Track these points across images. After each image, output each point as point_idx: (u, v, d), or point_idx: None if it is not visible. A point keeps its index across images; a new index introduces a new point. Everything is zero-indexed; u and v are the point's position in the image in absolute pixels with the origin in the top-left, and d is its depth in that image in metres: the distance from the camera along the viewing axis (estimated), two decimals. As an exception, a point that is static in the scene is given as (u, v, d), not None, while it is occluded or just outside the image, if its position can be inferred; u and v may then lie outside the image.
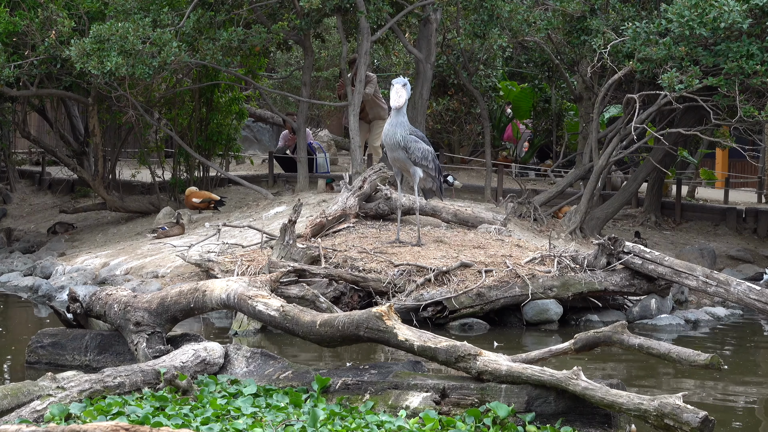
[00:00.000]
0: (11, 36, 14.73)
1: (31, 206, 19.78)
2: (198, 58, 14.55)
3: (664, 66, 12.60)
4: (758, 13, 12.27)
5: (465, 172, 20.12)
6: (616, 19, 14.05)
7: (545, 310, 10.81)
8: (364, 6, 14.71)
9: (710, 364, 6.49)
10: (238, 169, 21.30)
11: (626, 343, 6.82)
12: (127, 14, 14.24)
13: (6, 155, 20.93)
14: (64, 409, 6.04)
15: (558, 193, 15.11)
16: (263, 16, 15.63)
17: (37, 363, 8.00)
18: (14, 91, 15.96)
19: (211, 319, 10.97)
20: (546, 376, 6.20)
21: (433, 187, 11.94)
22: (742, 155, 14.36)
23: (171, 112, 17.47)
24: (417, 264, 10.88)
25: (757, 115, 12.53)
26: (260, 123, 25.15)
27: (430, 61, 15.90)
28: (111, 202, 16.78)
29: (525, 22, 14.83)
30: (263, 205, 15.18)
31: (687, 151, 17.25)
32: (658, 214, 16.81)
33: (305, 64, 16.49)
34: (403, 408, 6.31)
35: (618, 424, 6.23)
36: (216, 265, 11.28)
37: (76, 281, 12.53)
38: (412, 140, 11.26)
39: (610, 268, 10.94)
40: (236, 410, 6.21)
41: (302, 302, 9.09)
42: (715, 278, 10.51)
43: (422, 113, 16.03)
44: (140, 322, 7.66)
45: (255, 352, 7.30)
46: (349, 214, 12.44)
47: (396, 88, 10.97)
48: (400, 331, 6.72)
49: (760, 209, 17.26)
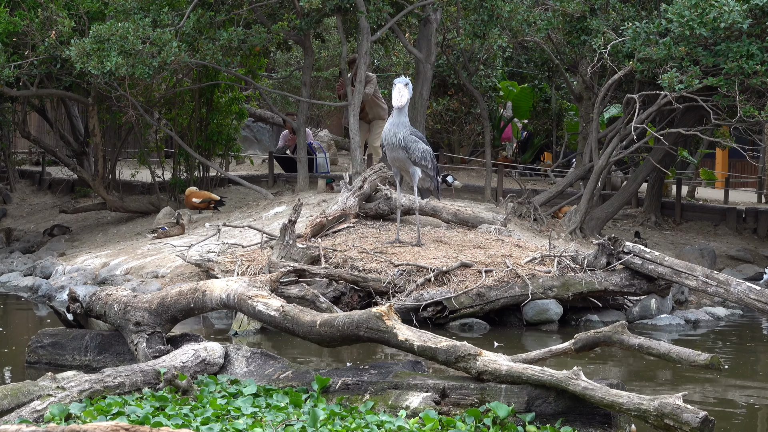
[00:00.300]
0: (11, 36, 14.73)
1: (31, 206, 19.78)
2: (198, 58, 14.55)
3: (664, 66, 12.60)
4: (758, 13, 12.27)
5: (465, 172, 20.12)
6: (616, 19, 14.05)
7: (545, 310, 10.81)
8: (364, 6, 14.71)
9: (710, 364, 6.50)
10: (238, 169, 21.30)
11: (626, 343, 6.82)
12: (127, 14, 14.24)
13: (6, 155, 20.93)
14: (64, 409, 6.04)
15: (558, 193, 15.11)
16: (263, 16, 15.63)
17: (37, 363, 7.99)
18: (14, 91, 15.96)
19: (211, 319, 10.97)
20: (546, 376, 6.20)
21: (431, 187, 11.96)
22: (742, 155, 14.36)
23: (171, 112, 17.48)
24: (417, 264, 10.88)
25: (757, 115, 12.53)
26: (260, 123, 25.16)
27: (430, 61, 15.91)
28: (111, 202, 16.78)
29: (525, 22, 14.83)
30: (263, 205, 15.18)
31: (687, 151, 17.26)
32: (658, 214, 16.81)
33: (305, 64, 16.49)
34: (403, 408, 6.31)
35: (618, 424, 6.23)
36: (216, 265, 11.28)
37: (76, 281, 12.52)
38: (412, 140, 11.26)
39: (610, 268, 10.94)
40: (236, 410, 6.21)
41: (302, 302, 9.09)
42: (715, 278, 10.51)
43: (422, 113, 16.03)
44: (140, 322, 7.66)
45: (255, 352, 7.30)
46: (349, 214, 12.44)
47: (398, 87, 10.96)
48: (400, 331, 6.72)
49: (760, 209, 17.26)
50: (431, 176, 11.67)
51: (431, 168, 11.56)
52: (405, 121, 11.25)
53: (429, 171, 11.56)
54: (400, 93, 10.97)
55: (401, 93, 10.97)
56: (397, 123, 11.18)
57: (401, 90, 10.97)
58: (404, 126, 11.21)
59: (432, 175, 11.66)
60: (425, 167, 11.46)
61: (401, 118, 11.20)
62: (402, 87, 10.97)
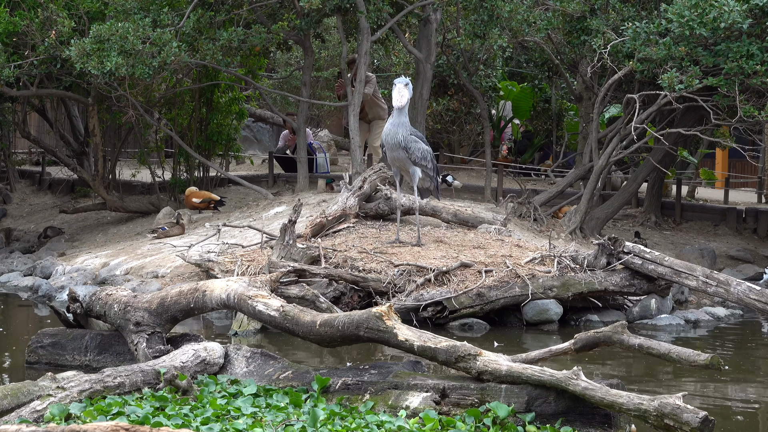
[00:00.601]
0: (11, 36, 14.73)
1: (31, 206, 19.78)
2: (198, 58, 14.55)
3: (664, 66, 12.60)
4: (758, 13, 12.27)
5: (465, 172, 20.12)
6: (616, 19, 14.05)
7: (545, 310, 10.81)
8: (364, 6, 14.71)
9: (710, 364, 6.50)
10: (238, 169, 21.30)
11: (626, 343, 6.82)
12: (127, 14, 14.23)
13: (6, 155, 20.93)
14: (64, 409, 6.04)
15: (558, 193, 15.11)
16: (263, 16, 15.63)
17: (37, 363, 7.99)
18: (14, 91, 15.96)
19: (211, 319, 10.97)
20: (546, 376, 6.20)
21: (430, 186, 11.96)
22: (742, 155, 14.35)
23: (171, 112, 17.48)
24: (417, 264, 10.88)
25: (757, 115, 12.53)
26: (260, 123, 25.15)
27: (430, 61, 15.90)
28: (111, 202, 16.78)
29: (525, 22, 14.83)
30: (263, 205, 15.18)
31: (687, 151, 17.26)
32: (658, 214, 16.81)
33: (305, 64, 16.49)
34: (403, 408, 6.31)
35: (618, 424, 6.23)
36: (216, 265, 11.28)
37: (76, 281, 12.52)
38: (412, 140, 11.27)
39: (610, 268, 10.94)
40: (236, 410, 6.21)
41: (302, 302, 9.08)
42: (715, 278, 10.51)
43: (422, 113, 16.03)
44: (140, 322, 7.66)
45: (255, 352, 7.30)
46: (349, 214, 12.44)
47: (398, 87, 10.96)
48: (400, 331, 6.72)
49: (760, 209, 17.26)
50: (431, 176, 11.68)
51: (431, 168, 11.56)
52: (405, 121, 11.25)
53: (429, 171, 11.56)
54: (400, 93, 10.97)
55: (401, 93, 10.97)
56: (397, 123, 11.18)
57: (401, 90, 10.97)
58: (404, 126, 11.21)
59: (432, 175, 11.66)
60: (425, 167, 11.46)
61: (401, 118, 11.20)
62: (402, 87, 10.97)
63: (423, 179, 11.63)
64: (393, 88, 11.06)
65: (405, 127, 11.21)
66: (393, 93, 11.04)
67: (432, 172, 11.63)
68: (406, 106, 11.17)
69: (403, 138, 11.19)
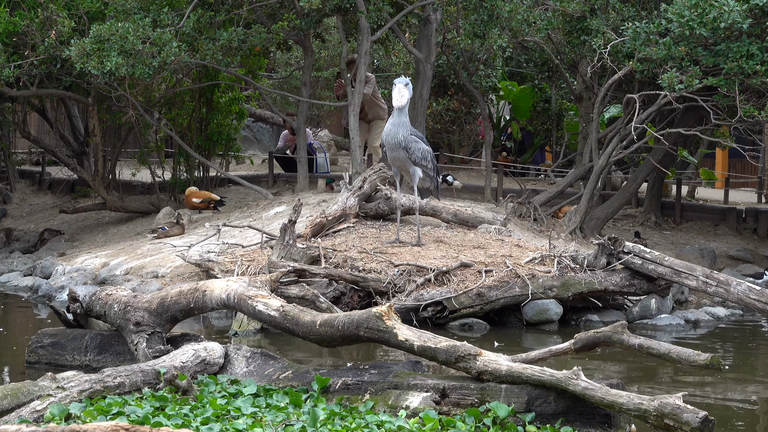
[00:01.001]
0: (11, 36, 14.73)
1: (31, 206, 19.78)
2: (198, 58, 14.55)
3: (664, 66, 12.60)
4: (758, 13, 12.27)
5: (465, 172, 20.13)
6: (616, 19, 14.05)
7: (545, 310, 10.81)
8: (364, 6, 14.71)
9: (710, 364, 6.50)
10: (238, 169, 21.30)
11: (626, 343, 6.82)
12: (127, 14, 14.23)
13: (6, 155, 20.93)
14: (64, 409, 6.04)
15: (558, 193, 15.11)
16: (263, 16, 15.63)
17: (37, 363, 7.99)
18: (14, 91, 15.96)
19: (211, 319, 10.96)
20: (546, 376, 6.20)
21: (430, 186, 11.96)
22: (742, 155, 14.36)
23: (171, 112, 17.48)
24: (417, 264, 10.88)
25: (757, 115, 12.53)
26: (260, 123, 25.15)
27: (430, 61, 15.90)
28: (111, 202, 16.78)
29: (525, 22, 14.84)
30: (263, 205, 15.18)
31: (687, 151, 17.26)
32: (658, 214, 16.81)
33: (305, 64, 16.49)
34: (403, 408, 6.31)
35: (618, 424, 6.23)
36: (216, 265, 11.28)
37: (76, 281, 12.52)
38: (412, 140, 11.27)
39: (610, 268, 10.94)
40: (236, 410, 6.21)
41: (302, 302, 9.08)
42: (715, 278, 10.51)
43: (422, 113, 16.03)
44: (140, 322, 7.66)
45: (255, 352, 7.30)
46: (349, 214, 12.44)
47: (398, 87, 10.96)
48: (400, 331, 6.72)
49: (760, 209, 17.26)
50: (431, 176, 11.68)
51: (431, 168, 11.56)
52: (405, 121, 11.25)
53: (429, 171, 11.56)
54: (400, 93, 10.97)
55: (401, 93, 10.97)
56: (397, 123, 11.18)
57: (401, 90, 10.97)
58: (404, 126, 11.21)
59: (432, 175, 11.66)
60: (425, 167, 11.46)
61: (401, 118, 11.20)
62: (402, 87, 10.97)
63: (423, 179, 11.63)
64: (393, 88, 11.06)
65: (405, 127, 11.21)
66: (393, 93, 11.04)
67: (432, 172, 11.63)
68: (406, 106, 11.17)
69: (403, 138, 11.19)
